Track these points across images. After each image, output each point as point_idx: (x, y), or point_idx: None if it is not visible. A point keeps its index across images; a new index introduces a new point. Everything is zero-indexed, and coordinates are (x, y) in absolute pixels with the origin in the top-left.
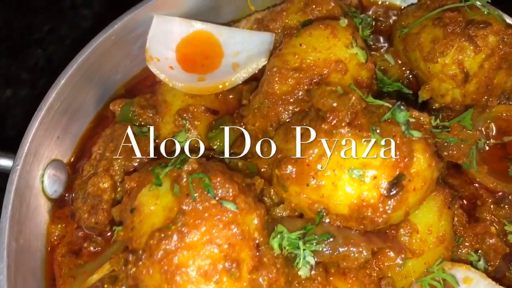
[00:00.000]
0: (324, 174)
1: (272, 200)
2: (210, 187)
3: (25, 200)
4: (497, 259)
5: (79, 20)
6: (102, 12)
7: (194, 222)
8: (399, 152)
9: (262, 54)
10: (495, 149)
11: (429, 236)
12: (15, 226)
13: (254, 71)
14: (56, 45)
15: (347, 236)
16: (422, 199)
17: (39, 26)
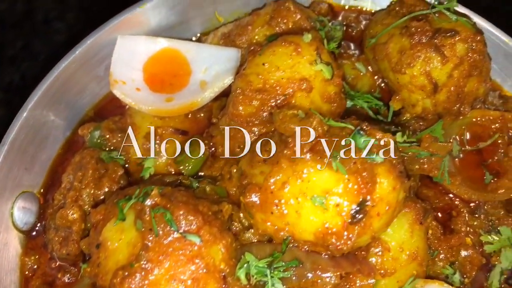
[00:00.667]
0: (287, 202)
1: (242, 224)
2: (172, 222)
3: None
4: (473, 270)
5: (52, 34)
6: (75, 25)
7: (158, 258)
8: (361, 178)
9: (229, 71)
10: (471, 155)
11: (401, 253)
12: None
13: (220, 90)
14: (30, 62)
15: (315, 261)
16: (388, 222)
17: (12, 43)
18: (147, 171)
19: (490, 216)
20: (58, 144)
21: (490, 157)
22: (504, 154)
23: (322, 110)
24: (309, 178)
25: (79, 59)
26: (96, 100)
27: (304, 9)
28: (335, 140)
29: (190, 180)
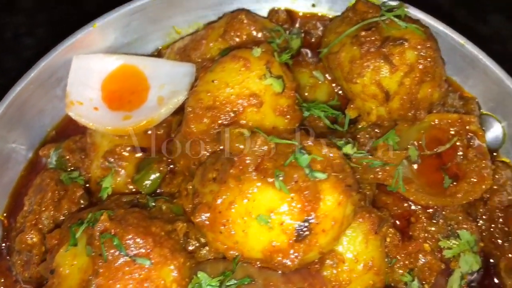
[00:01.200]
0: (235, 222)
1: (199, 241)
2: (121, 246)
3: None
4: (432, 276)
5: (22, 50)
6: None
7: (107, 283)
8: (304, 196)
9: (184, 87)
10: (431, 160)
11: (356, 264)
12: None
13: (175, 106)
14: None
15: (267, 278)
16: (336, 237)
17: None
18: (105, 191)
19: (449, 221)
20: (21, 166)
21: (449, 160)
22: (463, 157)
23: (276, 124)
24: (254, 197)
25: (34, 81)
26: (57, 120)
27: (258, 20)
28: (281, 157)
29: (147, 199)
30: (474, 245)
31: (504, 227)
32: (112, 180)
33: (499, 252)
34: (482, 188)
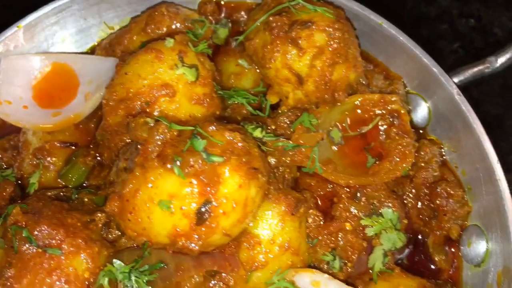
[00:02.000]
0: (140, 209)
1: (120, 230)
2: (31, 237)
3: None
4: (354, 255)
5: None
6: None
7: (20, 274)
8: (201, 180)
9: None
10: (356, 140)
11: (273, 246)
12: None
13: (99, 100)
14: None
15: (178, 262)
16: (240, 219)
17: None
18: (32, 187)
19: (372, 200)
20: None
21: (373, 140)
22: (386, 136)
23: (193, 112)
24: (157, 184)
25: None
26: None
27: (181, 12)
28: (180, 145)
29: (71, 192)
30: (397, 222)
31: (430, 203)
32: (39, 176)
33: (427, 229)
34: (404, 167)
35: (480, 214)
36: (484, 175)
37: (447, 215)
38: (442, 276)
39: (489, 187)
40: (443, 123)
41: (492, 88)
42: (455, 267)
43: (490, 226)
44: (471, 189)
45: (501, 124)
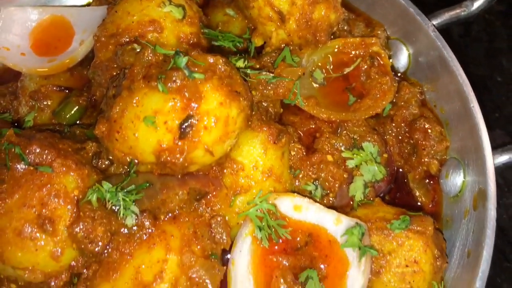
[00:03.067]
0: (126, 127)
1: (110, 160)
2: (23, 155)
3: None
4: (336, 185)
5: None
6: None
7: (12, 189)
8: (184, 95)
9: None
10: (338, 81)
11: (256, 171)
12: None
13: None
14: None
15: (164, 182)
16: (221, 137)
17: None
18: (27, 124)
19: (353, 134)
20: None
21: (355, 81)
22: (366, 77)
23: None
24: (142, 102)
25: None
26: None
27: None
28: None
29: (63, 127)
30: (377, 156)
31: (410, 140)
32: (34, 115)
33: (407, 166)
34: (383, 104)
35: (457, 148)
36: (461, 110)
37: (426, 149)
38: (423, 211)
39: (465, 121)
40: (422, 65)
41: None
42: (435, 202)
43: (467, 158)
44: (448, 124)
45: (485, 85)
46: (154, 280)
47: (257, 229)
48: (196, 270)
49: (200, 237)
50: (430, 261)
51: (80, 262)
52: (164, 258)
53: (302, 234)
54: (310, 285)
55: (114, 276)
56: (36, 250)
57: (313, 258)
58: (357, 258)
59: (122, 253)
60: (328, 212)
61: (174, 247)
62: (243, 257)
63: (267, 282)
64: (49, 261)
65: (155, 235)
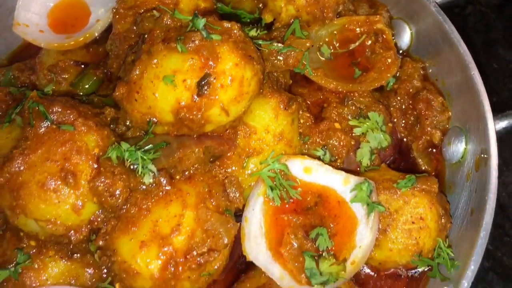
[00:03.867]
0: (146, 88)
1: (127, 126)
2: (47, 114)
3: None
4: (343, 152)
5: None
6: None
7: (35, 145)
8: (202, 55)
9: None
10: (344, 57)
11: (267, 135)
12: None
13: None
14: None
15: (180, 142)
16: (237, 97)
17: None
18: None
19: (359, 104)
20: None
21: (360, 56)
22: (371, 52)
23: None
24: (161, 63)
25: None
26: (11, 49)
27: None
28: (182, 30)
29: (82, 96)
30: (382, 124)
31: (414, 111)
32: (52, 87)
33: (411, 136)
34: (388, 76)
35: (459, 116)
36: (462, 80)
37: (428, 119)
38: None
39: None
40: (424, 43)
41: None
42: (438, 170)
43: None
44: (450, 95)
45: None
46: (172, 232)
47: (268, 189)
48: (211, 223)
49: (215, 195)
50: (435, 219)
51: (99, 217)
52: (180, 213)
53: (312, 195)
54: (320, 241)
55: (133, 229)
56: (58, 202)
57: (323, 217)
58: (365, 216)
59: (140, 208)
60: (337, 173)
61: (190, 203)
62: (255, 215)
63: (279, 239)
64: (71, 213)
65: (171, 193)
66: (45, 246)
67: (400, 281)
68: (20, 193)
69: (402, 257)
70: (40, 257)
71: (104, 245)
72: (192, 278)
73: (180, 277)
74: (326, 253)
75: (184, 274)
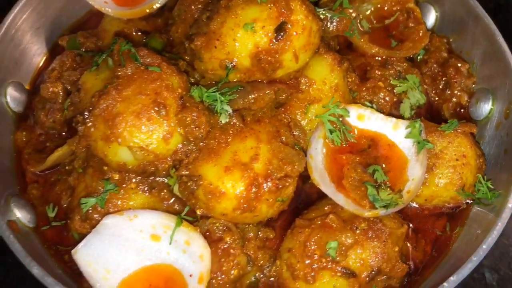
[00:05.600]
0: (226, 35)
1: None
2: (137, 56)
3: None
4: (387, 106)
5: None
6: None
7: (127, 82)
8: (279, 5)
9: None
10: (380, 31)
11: (324, 86)
12: None
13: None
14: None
15: (254, 85)
16: (307, 45)
17: None
18: None
19: (397, 68)
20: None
21: (394, 30)
22: (404, 26)
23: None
24: (241, 14)
25: None
26: (72, 21)
27: None
28: None
29: None
30: (419, 85)
31: (443, 76)
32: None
33: (441, 100)
34: (421, 45)
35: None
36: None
37: (457, 82)
38: None
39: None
40: (448, 20)
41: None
42: None
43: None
44: (474, 64)
45: None
46: (251, 160)
47: (328, 132)
48: (285, 153)
49: (284, 133)
50: (474, 157)
51: (182, 149)
52: (256, 145)
53: (365, 139)
54: (377, 175)
55: (215, 157)
56: (151, 130)
57: (376, 158)
58: (415, 153)
59: (219, 142)
60: (387, 119)
61: (263, 139)
62: (318, 153)
63: (339, 175)
64: (161, 142)
65: (245, 131)
66: (129, 178)
67: (441, 219)
68: (115, 122)
69: (448, 192)
70: (124, 188)
71: (188, 173)
72: (269, 201)
73: (260, 199)
74: (383, 184)
75: (264, 196)
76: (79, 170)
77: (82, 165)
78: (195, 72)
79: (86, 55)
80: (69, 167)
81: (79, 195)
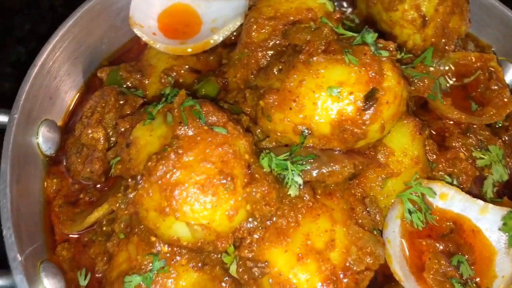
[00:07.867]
0: (305, 96)
1: (258, 137)
2: (201, 114)
3: (22, 152)
4: (468, 181)
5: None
6: None
7: (189, 145)
8: (370, 69)
9: (237, 16)
10: (458, 90)
11: (405, 157)
12: (15, 175)
13: (229, 31)
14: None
15: (330, 156)
16: (395, 115)
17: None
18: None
19: (479, 136)
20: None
21: (473, 90)
22: (485, 88)
23: None
24: (324, 74)
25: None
26: (112, 50)
27: None
28: (345, 43)
29: None
30: (502, 158)
31: None
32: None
33: None
34: (506, 112)
35: None
36: None
37: None
38: None
39: None
40: None
41: None
42: None
43: None
44: None
45: None
46: (326, 247)
47: (406, 212)
48: (365, 241)
49: (360, 212)
50: None
51: (246, 226)
52: (331, 228)
53: (446, 222)
54: (463, 269)
55: (286, 240)
56: (215, 206)
57: (459, 245)
58: (505, 245)
59: (288, 220)
60: (474, 202)
61: (338, 219)
62: (396, 237)
63: (417, 265)
64: (224, 219)
65: (316, 207)
66: (180, 253)
67: None
68: (174, 193)
69: None
70: (173, 265)
71: (252, 257)
72: None
73: None
74: (469, 281)
75: None
76: (121, 236)
77: (124, 230)
78: (256, 127)
79: (129, 94)
80: (107, 228)
81: (119, 266)
